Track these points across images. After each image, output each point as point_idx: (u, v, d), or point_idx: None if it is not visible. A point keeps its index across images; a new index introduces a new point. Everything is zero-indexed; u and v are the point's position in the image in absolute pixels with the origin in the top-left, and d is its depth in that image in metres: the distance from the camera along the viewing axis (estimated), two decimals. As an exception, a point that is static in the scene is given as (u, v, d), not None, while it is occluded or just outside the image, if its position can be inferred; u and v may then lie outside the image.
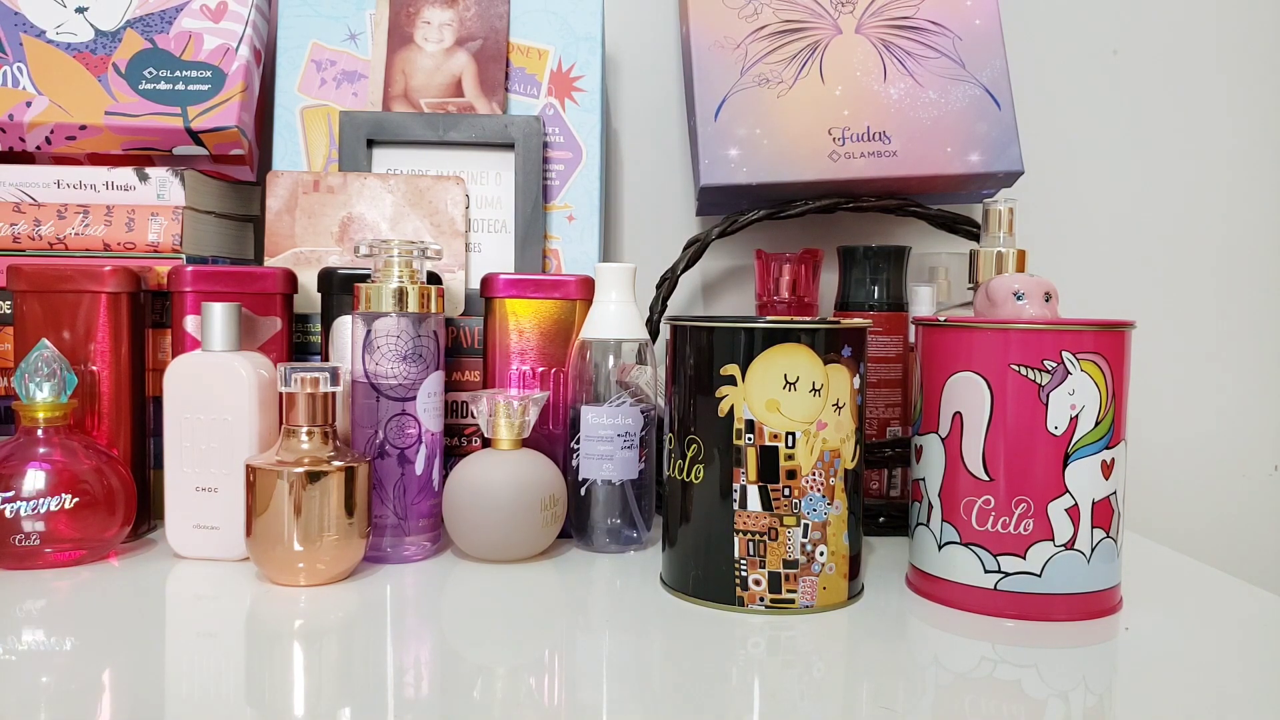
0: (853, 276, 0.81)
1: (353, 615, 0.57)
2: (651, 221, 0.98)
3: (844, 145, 0.78)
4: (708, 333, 0.59)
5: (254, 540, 0.61)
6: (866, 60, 0.79)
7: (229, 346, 0.66)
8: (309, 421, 0.62)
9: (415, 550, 0.67)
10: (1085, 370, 0.57)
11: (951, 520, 0.59)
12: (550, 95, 0.86)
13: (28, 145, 0.80)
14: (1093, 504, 0.57)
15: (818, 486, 0.58)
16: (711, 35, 0.81)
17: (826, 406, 0.58)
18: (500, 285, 0.74)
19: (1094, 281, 0.99)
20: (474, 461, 0.67)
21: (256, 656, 0.52)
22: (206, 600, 0.59)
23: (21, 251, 0.76)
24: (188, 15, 0.82)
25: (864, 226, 0.95)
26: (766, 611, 0.58)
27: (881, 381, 0.80)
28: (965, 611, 0.58)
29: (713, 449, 0.59)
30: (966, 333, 0.59)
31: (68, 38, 0.81)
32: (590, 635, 0.55)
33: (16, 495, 0.63)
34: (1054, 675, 0.50)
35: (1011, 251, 0.71)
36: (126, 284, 0.70)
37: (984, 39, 0.79)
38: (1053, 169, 0.98)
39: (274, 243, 0.79)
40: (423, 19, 0.86)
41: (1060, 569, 0.57)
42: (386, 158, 0.84)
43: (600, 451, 0.69)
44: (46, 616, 0.56)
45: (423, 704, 0.46)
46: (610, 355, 0.70)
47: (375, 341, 0.66)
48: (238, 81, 0.80)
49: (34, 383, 0.64)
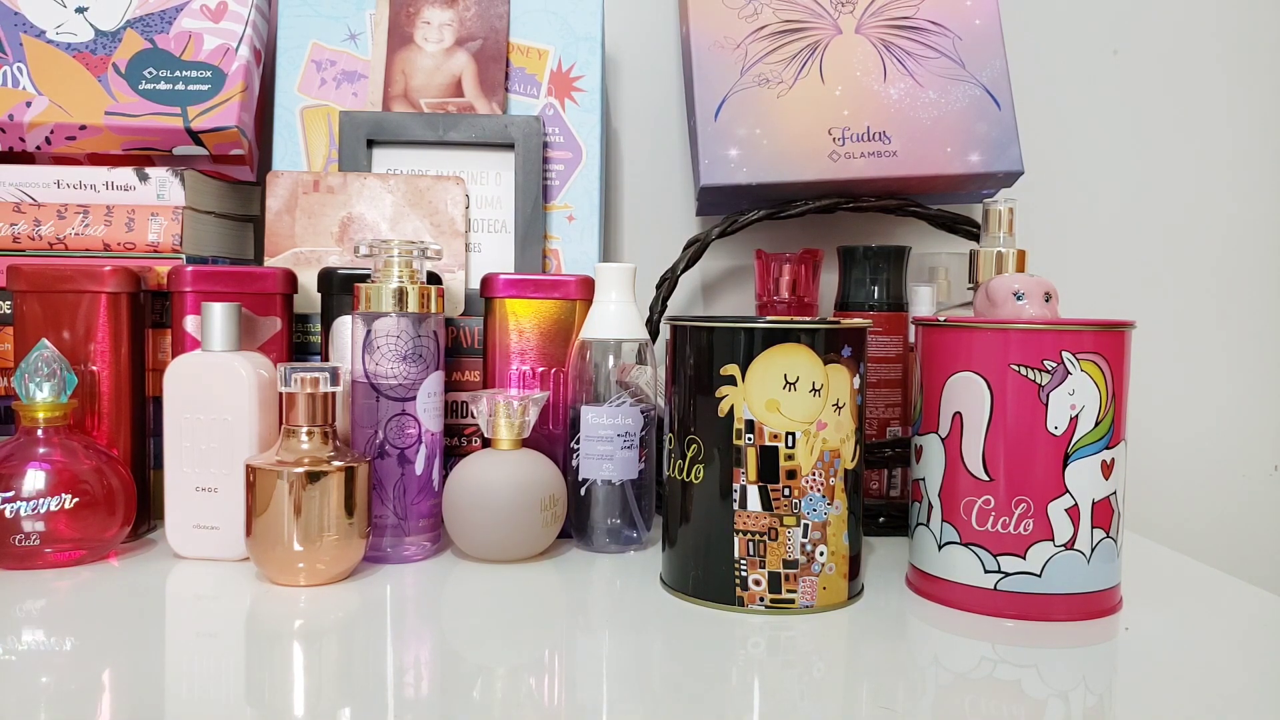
0: (853, 276, 0.81)
1: (353, 615, 0.57)
2: (651, 221, 0.98)
3: (844, 145, 0.78)
4: (708, 333, 0.59)
5: (254, 540, 0.61)
6: (866, 60, 0.79)
7: (229, 346, 0.66)
8: (309, 421, 0.62)
9: (415, 550, 0.67)
10: (1085, 370, 0.57)
11: (951, 520, 0.59)
12: (550, 95, 0.86)
13: (28, 145, 0.80)
14: (1093, 504, 0.57)
15: (818, 486, 0.58)
16: (711, 35, 0.81)
17: (826, 406, 0.58)
18: (500, 285, 0.74)
19: (1094, 281, 0.99)
20: (474, 461, 0.67)
21: (256, 656, 0.52)
22: (206, 600, 0.59)
23: (21, 251, 0.76)
24: (188, 15, 0.82)
25: (864, 226, 0.95)
26: (766, 611, 0.58)
27: (881, 381, 0.80)
28: (965, 611, 0.58)
29: (713, 449, 0.59)
30: (966, 333, 0.59)
31: (68, 38, 0.81)
32: (590, 635, 0.55)
33: (16, 495, 0.63)
34: (1054, 675, 0.50)
35: (1011, 251, 0.71)
36: (126, 284, 0.70)
37: (984, 39, 0.79)
38: (1053, 169, 0.98)
39: (274, 243, 0.79)
40: (423, 19, 0.86)
41: (1060, 569, 0.57)
42: (386, 158, 0.84)
43: (600, 451, 0.69)
44: (46, 616, 0.56)
45: (423, 704, 0.46)
46: (610, 355, 0.70)
47: (375, 341, 0.66)
48: (238, 81, 0.80)
49: (34, 383, 0.64)
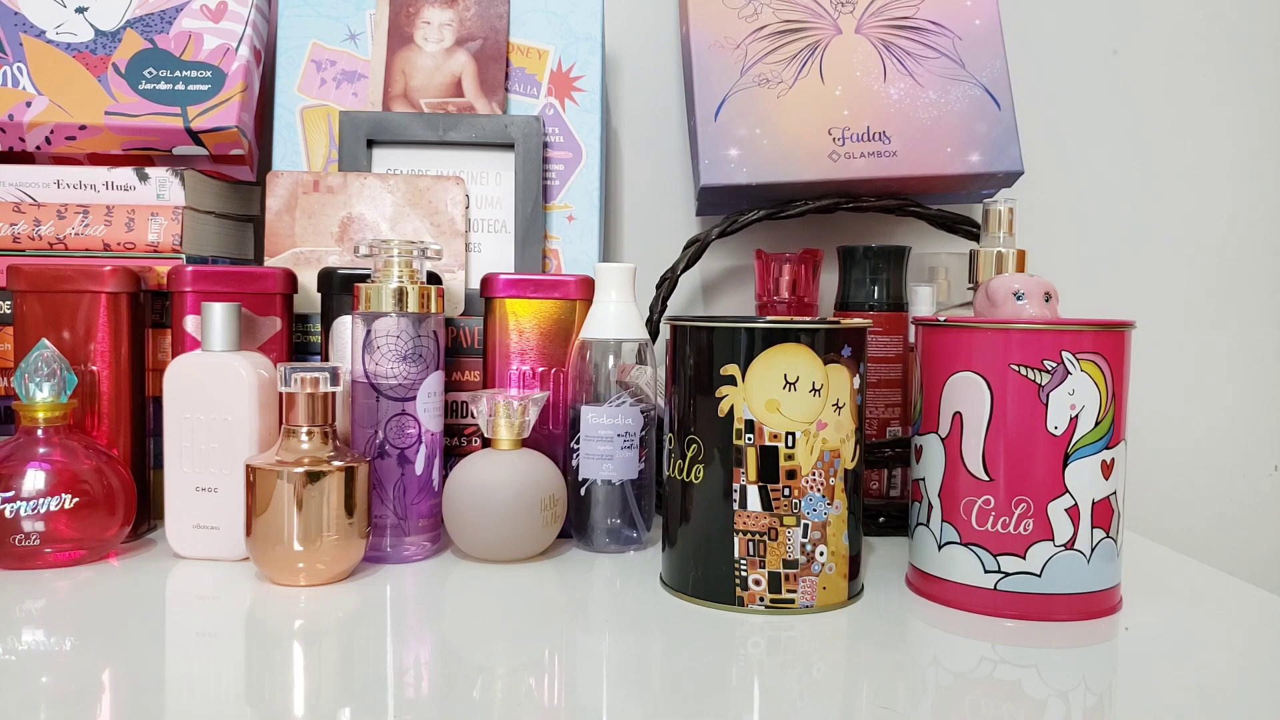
0: (853, 276, 0.81)
1: (353, 615, 0.57)
2: (651, 221, 0.98)
3: (844, 145, 0.78)
4: (708, 333, 0.59)
5: (254, 540, 0.61)
6: (866, 60, 0.79)
7: (229, 346, 0.66)
8: (309, 421, 0.62)
9: (415, 550, 0.67)
10: (1085, 370, 0.57)
11: (951, 520, 0.59)
12: (550, 95, 0.86)
13: (28, 145, 0.80)
14: (1093, 504, 0.57)
15: (818, 486, 0.58)
16: (711, 35, 0.81)
17: (826, 406, 0.58)
18: (500, 285, 0.74)
19: (1094, 281, 0.99)
20: (474, 461, 0.67)
21: (256, 656, 0.52)
22: (206, 600, 0.59)
23: (21, 251, 0.76)
24: (188, 15, 0.82)
25: (864, 226, 0.95)
26: (766, 611, 0.58)
27: (881, 381, 0.80)
28: (965, 611, 0.58)
29: (713, 449, 0.59)
30: (966, 333, 0.59)
31: (68, 38, 0.81)
32: (590, 635, 0.55)
33: (16, 495, 0.63)
34: (1054, 675, 0.50)
35: (1011, 251, 0.71)
36: (126, 284, 0.70)
37: (984, 39, 0.79)
38: (1053, 169, 0.98)
39: (274, 243, 0.79)
40: (423, 19, 0.86)
41: (1060, 569, 0.57)
42: (386, 158, 0.84)
43: (600, 451, 0.69)
44: (46, 616, 0.56)
45: (423, 704, 0.46)
46: (610, 355, 0.70)
47: (375, 341, 0.66)
48: (238, 81, 0.80)
49: (34, 383, 0.64)
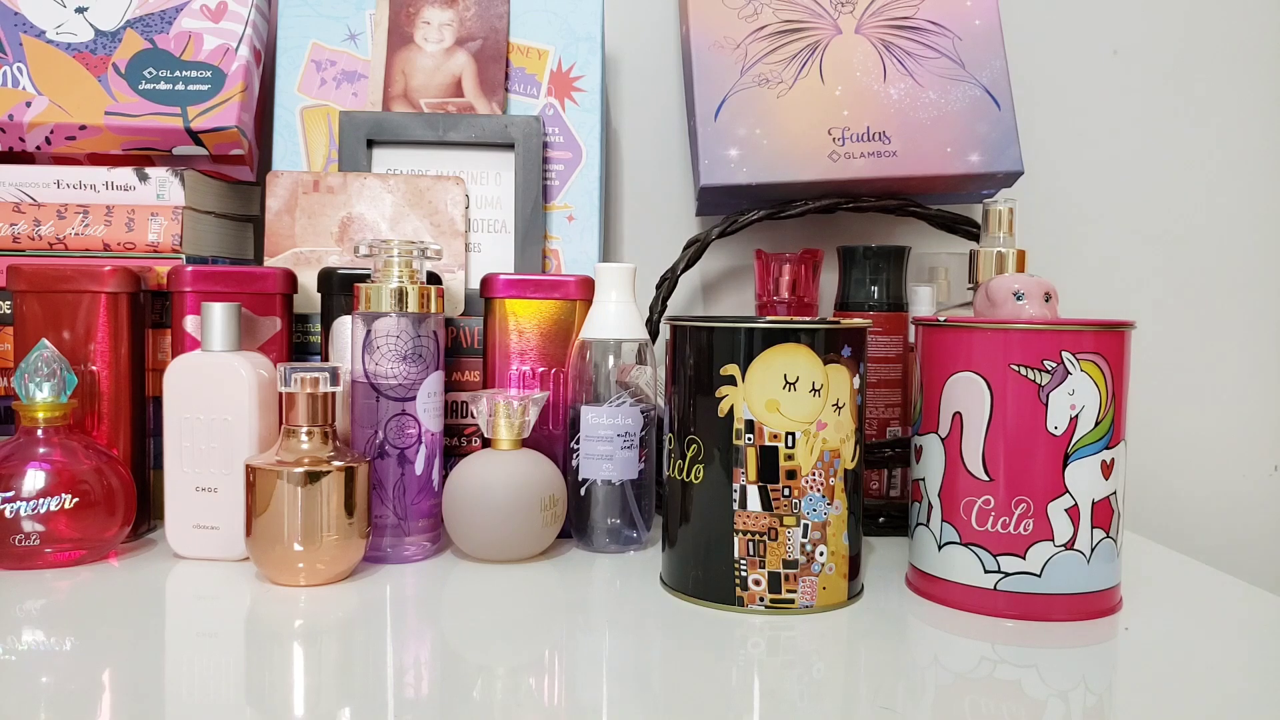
0: (853, 276, 0.81)
1: (353, 615, 0.57)
2: (651, 221, 0.98)
3: (844, 145, 0.78)
4: (707, 333, 0.59)
5: (254, 540, 0.61)
6: (866, 60, 0.79)
7: (229, 346, 0.66)
8: (309, 421, 0.62)
9: (415, 550, 0.67)
10: (1085, 370, 0.57)
11: (951, 520, 0.59)
12: (550, 95, 0.86)
13: (28, 145, 0.80)
14: (1092, 504, 0.57)
15: (818, 486, 0.58)
16: (711, 35, 0.81)
17: (826, 406, 0.58)
18: (500, 285, 0.74)
19: (1094, 281, 0.99)
20: (474, 461, 0.67)
21: (256, 656, 0.52)
22: (206, 600, 0.59)
23: (21, 251, 0.76)
24: (188, 15, 0.82)
25: (864, 226, 0.95)
26: (766, 611, 0.58)
27: (881, 381, 0.80)
28: (965, 611, 0.58)
29: (713, 449, 0.59)
30: (966, 333, 0.59)
31: (68, 38, 0.81)
32: (590, 635, 0.55)
33: (16, 495, 0.63)
34: (1054, 675, 0.50)
35: (1011, 251, 0.71)
36: (126, 284, 0.70)
37: (984, 39, 0.79)
38: (1053, 169, 0.98)
39: (274, 243, 0.79)
40: (423, 19, 0.86)
41: (1060, 569, 0.57)
42: (386, 158, 0.84)
43: (600, 451, 0.69)
44: (46, 616, 0.56)
45: (423, 704, 0.46)
46: (610, 355, 0.70)
47: (375, 341, 0.66)
48: (238, 81, 0.80)
49: (34, 383, 0.64)
